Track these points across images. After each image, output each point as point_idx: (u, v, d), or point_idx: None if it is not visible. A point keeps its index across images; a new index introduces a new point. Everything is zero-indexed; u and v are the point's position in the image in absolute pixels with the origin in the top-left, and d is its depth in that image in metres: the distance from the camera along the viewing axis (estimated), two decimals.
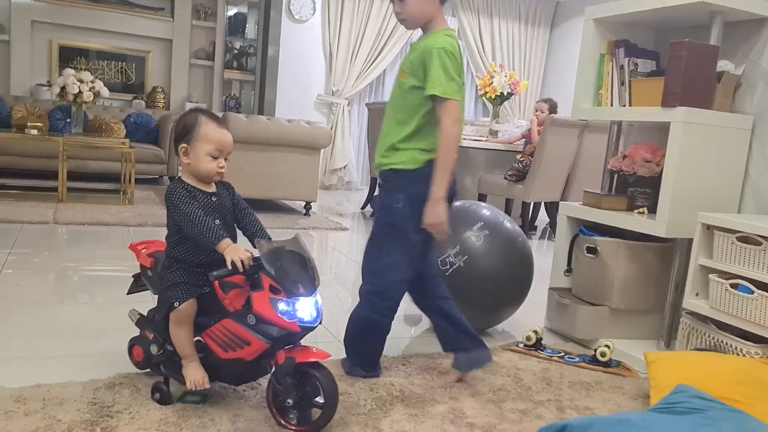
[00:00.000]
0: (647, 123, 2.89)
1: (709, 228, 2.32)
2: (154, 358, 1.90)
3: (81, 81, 5.24)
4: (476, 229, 2.63)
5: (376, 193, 6.29)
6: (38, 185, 5.59)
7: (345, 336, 2.19)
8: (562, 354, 2.57)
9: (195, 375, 1.79)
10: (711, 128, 2.47)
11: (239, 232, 1.93)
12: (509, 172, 5.42)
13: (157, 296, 1.94)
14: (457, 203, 2.67)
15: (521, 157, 5.42)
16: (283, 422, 1.74)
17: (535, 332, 2.61)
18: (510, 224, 2.79)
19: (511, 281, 2.69)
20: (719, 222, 2.27)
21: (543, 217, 6.25)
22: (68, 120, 5.81)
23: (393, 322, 2.13)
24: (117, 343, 2.31)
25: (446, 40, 1.99)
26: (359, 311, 2.14)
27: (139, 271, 2.05)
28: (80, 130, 5.53)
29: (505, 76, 6.15)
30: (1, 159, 5.19)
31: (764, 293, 2.08)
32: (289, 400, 1.71)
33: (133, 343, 2.00)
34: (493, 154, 5.81)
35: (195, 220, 1.74)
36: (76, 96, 5.22)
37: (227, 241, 1.72)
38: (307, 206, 5.63)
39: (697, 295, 2.37)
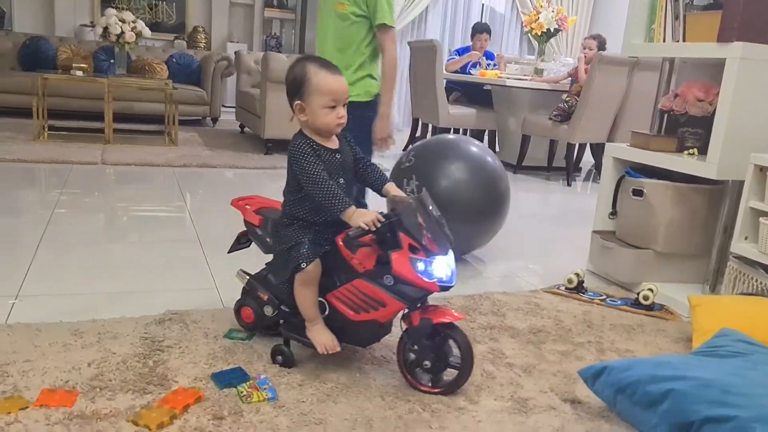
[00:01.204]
0: (701, 60, 2.76)
1: (762, 170, 2.24)
2: (267, 319, 1.86)
3: (123, 21, 5.26)
4: (405, 159, 2.79)
5: (418, 134, 6.23)
6: (85, 126, 5.71)
7: None
8: (604, 297, 2.56)
9: (324, 338, 1.73)
10: None
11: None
12: (554, 113, 5.28)
13: (270, 255, 1.90)
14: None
15: (567, 97, 5.27)
16: (422, 387, 1.69)
17: (577, 275, 2.59)
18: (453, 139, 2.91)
19: (470, 192, 2.67)
20: None
21: (588, 159, 6.11)
22: (112, 61, 5.87)
23: None
24: (166, 281, 2.39)
25: None
26: None
27: (244, 229, 1.98)
28: (124, 71, 5.59)
29: (552, 11, 5.92)
30: (49, 100, 5.30)
31: None
32: (427, 362, 1.66)
33: (241, 304, 1.93)
34: (537, 94, 5.65)
35: (321, 184, 1.66)
36: (118, 36, 5.25)
37: (351, 209, 1.65)
38: None
39: (746, 238, 2.31)
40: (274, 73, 4.97)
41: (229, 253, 2.05)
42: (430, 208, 1.65)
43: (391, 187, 1.84)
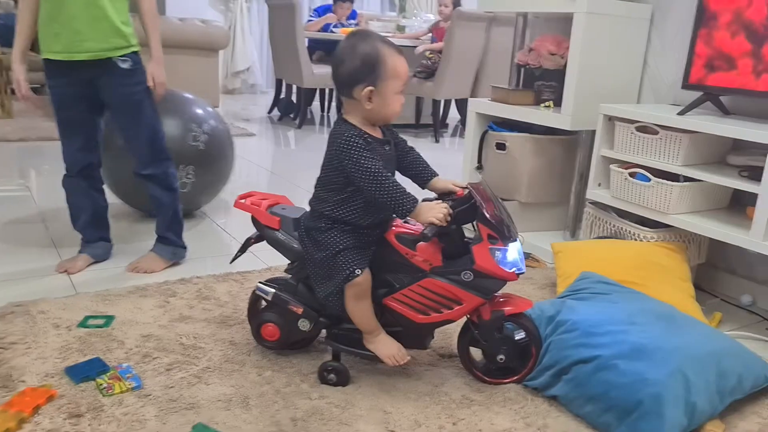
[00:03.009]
0: (552, 14, 2.85)
1: (610, 119, 2.36)
2: (299, 334, 1.64)
3: None
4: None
5: (283, 96, 6.05)
6: None
7: (161, 227, 2.27)
8: None
9: (390, 349, 1.56)
10: (612, 18, 2.46)
11: None
12: (418, 69, 5.31)
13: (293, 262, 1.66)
14: None
15: (430, 54, 5.32)
16: (494, 380, 1.62)
17: None
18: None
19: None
20: (619, 113, 2.31)
21: (454, 115, 6.25)
22: None
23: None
24: (6, 269, 2.15)
25: None
26: (171, 194, 2.23)
27: (255, 233, 1.69)
28: None
29: None
30: None
31: (660, 180, 2.16)
32: (501, 356, 1.59)
33: (262, 321, 1.67)
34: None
35: (383, 182, 1.44)
36: None
37: (418, 206, 1.47)
38: None
39: (599, 185, 2.44)
40: None
41: (230, 263, 1.80)
42: (490, 192, 1.55)
43: (440, 182, 1.62)
